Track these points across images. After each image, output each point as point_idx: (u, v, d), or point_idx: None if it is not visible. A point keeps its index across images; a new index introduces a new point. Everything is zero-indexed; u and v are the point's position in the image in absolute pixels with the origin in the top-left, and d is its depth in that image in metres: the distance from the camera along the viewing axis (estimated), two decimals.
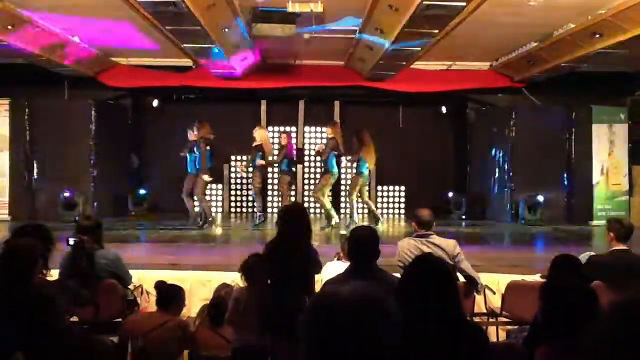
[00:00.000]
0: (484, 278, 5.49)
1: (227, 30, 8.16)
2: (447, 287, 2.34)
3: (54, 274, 4.62)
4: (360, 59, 10.56)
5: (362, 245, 3.49)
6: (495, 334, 5.46)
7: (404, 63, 10.15)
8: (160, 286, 4.56)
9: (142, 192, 12.28)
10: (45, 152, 11.46)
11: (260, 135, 10.55)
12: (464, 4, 6.59)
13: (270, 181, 12.79)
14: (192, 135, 10.33)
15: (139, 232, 10.35)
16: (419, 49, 9.00)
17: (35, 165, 11.51)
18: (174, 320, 4.33)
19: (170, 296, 4.42)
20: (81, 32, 9.50)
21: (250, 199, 11.79)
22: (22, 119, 11.46)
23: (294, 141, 12.78)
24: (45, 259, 3.53)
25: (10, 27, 8.20)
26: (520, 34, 9.41)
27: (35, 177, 11.51)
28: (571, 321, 2.19)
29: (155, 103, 12.82)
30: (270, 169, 11.55)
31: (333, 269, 5.01)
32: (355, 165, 10.33)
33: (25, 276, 3.14)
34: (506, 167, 11.89)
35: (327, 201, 10.29)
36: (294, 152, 10.81)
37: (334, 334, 1.35)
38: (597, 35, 8.31)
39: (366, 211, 11.35)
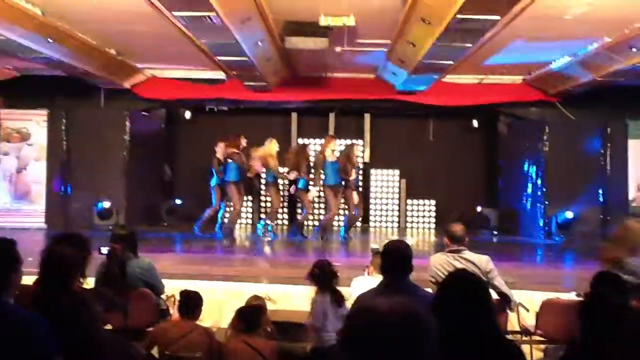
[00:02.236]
0: (517, 295, 5.40)
1: (260, 43, 8.25)
2: (484, 304, 2.31)
3: (89, 282, 4.70)
4: (393, 72, 10.56)
5: (396, 259, 3.48)
6: (529, 352, 5.36)
7: (436, 76, 10.12)
8: (186, 294, 4.63)
9: (178, 202, 12.45)
10: (80, 161, 11.71)
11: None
12: (498, 17, 6.55)
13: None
14: (221, 149, 10.49)
15: (171, 241, 10.47)
16: (451, 61, 8.97)
17: (70, 174, 11.77)
18: (200, 327, 4.41)
19: (194, 304, 4.49)
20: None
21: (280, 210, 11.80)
22: (59, 129, 11.75)
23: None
24: (82, 267, 3.59)
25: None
26: (554, 48, 9.30)
27: (71, 185, 11.76)
28: (612, 340, 2.14)
29: (188, 114, 13.00)
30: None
31: (362, 283, 5.00)
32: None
33: (65, 284, 3.20)
34: (539, 181, 11.71)
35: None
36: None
37: (373, 348, 1.35)
38: (634, 49, 8.16)
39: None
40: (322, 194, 11.09)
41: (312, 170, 10.69)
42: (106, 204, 11.26)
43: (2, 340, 2.42)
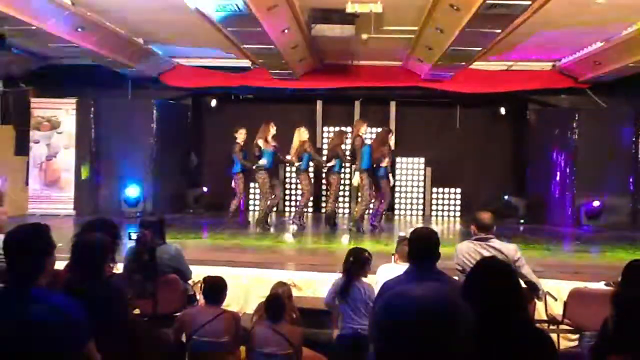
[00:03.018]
0: (545, 284, 5.35)
1: (286, 31, 8.23)
2: (514, 290, 2.29)
3: (119, 268, 4.78)
4: (419, 59, 10.47)
5: (423, 246, 3.46)
6: (557, 341, 5.31)
7: (463, 63, 10.00)
8: (209, 280, 4.67)
9: (205, 189, 12.57)
10: (108, 149, 11.88)
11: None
12: (529, 2, 6.43)
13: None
14: (241, 135, 10.48)
15: (197, 229, 10.58)
16: (479, 48, 8.85)
17: (99, 162, 11.95)
18: (227, 312, 4.47)
19: (218, 289, 4.54)
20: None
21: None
22: (88, 117, 11.93)
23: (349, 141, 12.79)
24: (113, 252, 3.65)
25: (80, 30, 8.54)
26: (585, 34, 9.11)
27: (99, 173, 11.94)
28: None
29: (214, 103, 13.08)
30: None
31: (388, 271, 4.99)
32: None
33: (97, 269, 3.26)
34: (568, 170, 11.53)
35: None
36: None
37: (407, 334, 1.35)
38: None
39: None
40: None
41: (349, 156, 10.34)
42: (134, 191, 11.41)
43: (36, 324, 2.47)
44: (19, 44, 9.98)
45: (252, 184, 11.92)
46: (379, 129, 11.14)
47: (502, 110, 12.79)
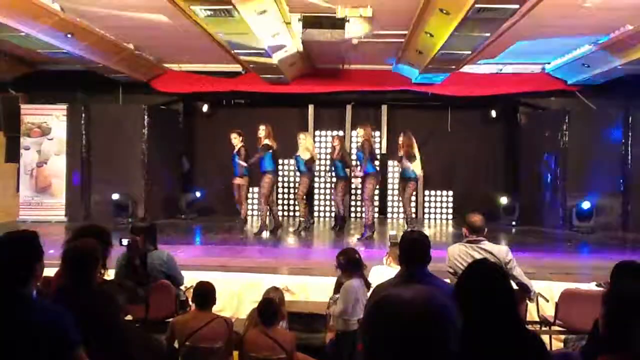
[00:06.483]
0: (536, 285, 5.38)
1: (277, 35, 8.24)
2: (506, 293, 2.31)
3: (110, 274, 4.76)
4: (409, 63, 10.51)
5: (415, 249, 3.47)
6: (549, 343, 5.33)
7: (454, 67, 10.04)
8: (198, 286, 4.67)
9: (198, 194, 12.54)
10: (99, 155, 11.83)
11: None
12: (517, 6, 6.47)
13: (315, 184, 12.89)
14: (238, 139, 10.39)
15: (190, 234, 10.55)
16: (469, 52, 8.89)
17: (90, 168, 11.90)
18: (220, 318, 4.46)
19: (207, 294, 4.54)
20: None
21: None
22: (79, 123, 11.88)
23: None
24: (104, 258, 3.64)
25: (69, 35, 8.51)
26: (574, 36, 9.17)
27: (90, 179, 11.89)
28: (636, 331, 2.12)
29: (205, 108, 13.06)
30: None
31: (380, 273, 5.00)
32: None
33: (87, 275, 3.25)
34: (558, 171, 11.60)
35: None
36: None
37: (396, 336, 1.35)
38: None
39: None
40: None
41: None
42: (125, 197, 11.37)
43: (25, 332, 2.46)
44: (7, 49, 9.95)
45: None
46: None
47: (493, 113, 12.85)
